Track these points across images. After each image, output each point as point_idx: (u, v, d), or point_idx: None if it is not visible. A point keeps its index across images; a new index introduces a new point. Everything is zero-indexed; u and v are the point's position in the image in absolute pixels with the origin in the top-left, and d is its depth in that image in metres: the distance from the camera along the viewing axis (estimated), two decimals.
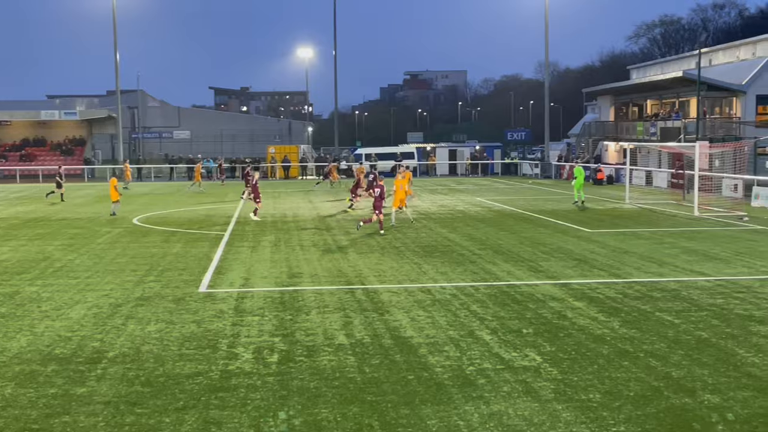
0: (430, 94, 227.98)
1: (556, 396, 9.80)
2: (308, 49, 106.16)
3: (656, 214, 33.17)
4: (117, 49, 70.10)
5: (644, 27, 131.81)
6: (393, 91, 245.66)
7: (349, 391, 10.08)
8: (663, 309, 14.63)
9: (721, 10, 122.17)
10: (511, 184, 57.00)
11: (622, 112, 72.72)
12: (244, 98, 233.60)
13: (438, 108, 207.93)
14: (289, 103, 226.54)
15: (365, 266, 19.90)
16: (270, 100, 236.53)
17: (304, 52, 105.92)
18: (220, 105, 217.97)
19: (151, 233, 27.56)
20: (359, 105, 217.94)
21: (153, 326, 13.66)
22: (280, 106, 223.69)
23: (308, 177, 70.97)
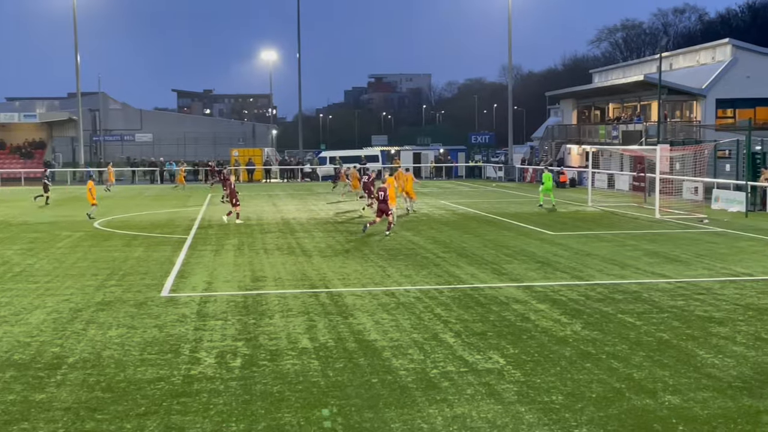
0: (394, 97, 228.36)
1: (519, 398, 9.84)
2: (272, 52, 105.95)
3: (618, 217, 33.48)
4: (78, 50, 69.39)
5: (606, 31, 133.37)
6: (357, 94, 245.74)
7: (313, 395, 10.03)
8: (625, 311, 14.76)
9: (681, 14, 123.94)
10: (475, 187, 57.25)
11: (584, 116, 73.37)
12: (207, 101, 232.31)
13: (402, 111, 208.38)
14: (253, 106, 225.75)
15: (329, 269, 19.85)
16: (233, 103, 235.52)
17: (268, 55, 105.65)
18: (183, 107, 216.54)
19: (113, 237, 27.27)
20: (323, 108, 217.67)
21: (114, 331, 13.51)
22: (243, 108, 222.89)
23: (272, 180, 70.72)
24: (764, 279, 18.14)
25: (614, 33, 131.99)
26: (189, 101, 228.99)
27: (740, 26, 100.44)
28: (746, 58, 56.10)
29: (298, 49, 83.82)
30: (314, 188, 58.97)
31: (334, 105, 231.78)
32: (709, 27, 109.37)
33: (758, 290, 16.75)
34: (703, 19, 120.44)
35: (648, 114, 60.07)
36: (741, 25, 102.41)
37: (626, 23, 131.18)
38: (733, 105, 55.60)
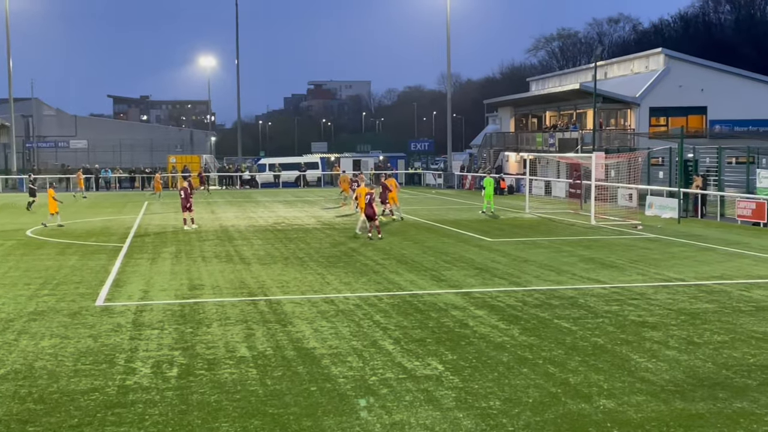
0: (334, 104, 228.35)
1: (458, 404, 9.89)
2: (210, 58, 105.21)
3: (555, 224, 33.93)
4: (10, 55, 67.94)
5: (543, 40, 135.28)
6: (297, 101, 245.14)
7: (251, 405, 9.95)
8: (561, 316, 14.95)
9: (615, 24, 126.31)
10: (415, 194, 57.48)
11: (522, 123, 74.22)
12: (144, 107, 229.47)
13: (342, 118, 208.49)
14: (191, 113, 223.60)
15: (268, 277, 19.73)
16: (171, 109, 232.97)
17: (206, 61, 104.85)
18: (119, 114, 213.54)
19: (46, 245, 26.73)
20: (263, 114, 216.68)
21: (47, 341, 13.23)
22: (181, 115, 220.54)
23: (211, 187, 70.05)
24: (696, 284, 18.54)
25: (551, 42, 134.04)
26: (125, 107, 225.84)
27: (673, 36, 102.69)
28: (678, 67, 57.38)
29: (237, 56, 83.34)
30: (253, 195, 58.60)
31: (273, 112, 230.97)
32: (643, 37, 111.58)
33: (690, 295, 17.12)
34: (637, 29, 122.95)
35: (584, 122, 61.01)
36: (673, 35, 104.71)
37: (562, 32, 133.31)
38: (666, 113, 56.77)
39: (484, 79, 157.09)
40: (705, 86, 56.31)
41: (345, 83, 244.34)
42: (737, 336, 13.33)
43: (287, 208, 44.34)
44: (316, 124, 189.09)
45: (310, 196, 55.44)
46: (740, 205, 33.36)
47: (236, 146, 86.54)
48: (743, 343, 12.83)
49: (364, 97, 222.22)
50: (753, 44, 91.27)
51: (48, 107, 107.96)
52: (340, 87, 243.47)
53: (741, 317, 14.82)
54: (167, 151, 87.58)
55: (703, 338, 13.18)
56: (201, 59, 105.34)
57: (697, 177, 36.91)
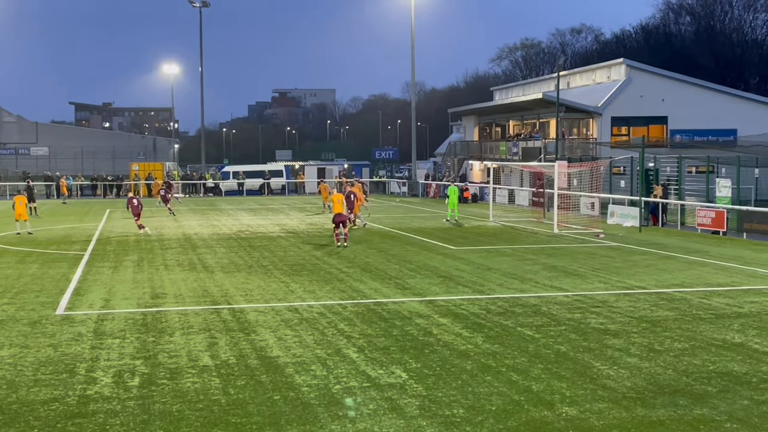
0: (298, 112, 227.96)
1: (421, 412, 9.90)
2: (174, 65, 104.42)
3: (518, 232, 34.14)
4: None
5: (506, 50, 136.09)
6: (261, 108, 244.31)
7: (213, 414, 9.88)
8: (524, 324, 15.03)
9: (578, 34, 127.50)
10: (379, 202, 57.52)
11: (485, 132, 74.62)
12: (106, 114, 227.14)
13: (307, 126, 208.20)
14: (154, 120, 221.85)
15: (231, 285, 19.63)
16: (134, 117, 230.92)
17: (169, 68, 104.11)
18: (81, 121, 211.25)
19: (5, 254, 26.36)
20: (227, 122, 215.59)
21: (6, 351, 13.04)
22: (144, 122, 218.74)
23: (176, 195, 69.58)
24: (657, 292, 18.75)
25: (514, 52, 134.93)
26: (87, 114, 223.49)
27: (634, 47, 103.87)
28: (640, 77, 58.08)
29: (201, 63, 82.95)
30: (217, 203, 58.27)
31: (237, 119, 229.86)
32: (605, 47, 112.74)
33: (651, 303, 17.30)
34: (600, 39, 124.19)
35: (547, 131, 61.51)
36: (635, 45, 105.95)
37: (525, 42, 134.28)
38: (628, 123, 57.40)
39: (448, 87, 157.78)
40: (666, 96, 57.06)
41: (310, 91, 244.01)
42: (697, 343, 13.50)
43: (251, 216, 44.16)
44: (280, 132, 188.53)
45: (274, 204, 55.27)
46: (700, 214, 33.81)
47: (200, 154, 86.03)
48: (703, 351, 12.99)
49: (329, 105, 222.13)
50: (713, 55, 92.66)
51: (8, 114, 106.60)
52: (305, 95, 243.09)
53: (701, 325, 15.01)
54: (130, 159, 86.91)
55: (663, 345, 13.33)
56: (164, 66, 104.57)
57: (657, 186, 37.36)
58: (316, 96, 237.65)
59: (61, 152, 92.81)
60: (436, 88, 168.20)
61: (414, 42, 70.24)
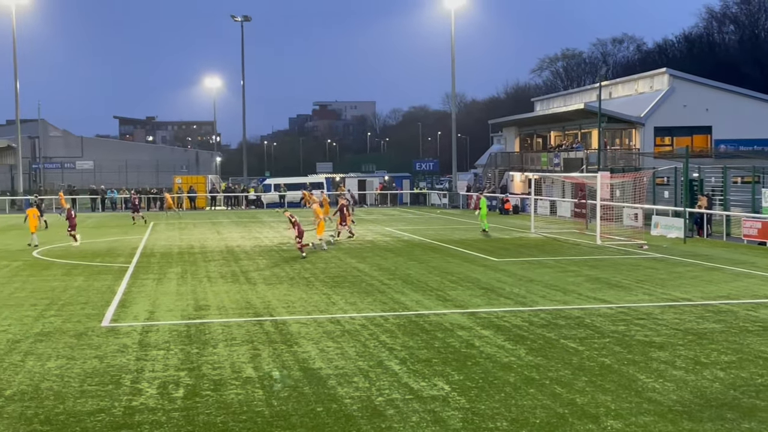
0: (339, 125, 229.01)
1: (464, 425, 9.86)
2: (216, 79, 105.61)
3: (560, 243, 33.89)
4: (17, 77, 68.35)
5: (547, 60, 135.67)
6: (302, 121, 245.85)
7: (257, 425, 9.94)
8: (568, 336, 14.91)
9: (620, 44, 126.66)
10: (420, 214, 57.50)
11: (526, 143, 74.31)
12: (150, 128, 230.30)
13: (347, 138, 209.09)
14: (197, 133, 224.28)
15: (274, 297, 19.73)
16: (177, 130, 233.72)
17: (211, 82, 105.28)
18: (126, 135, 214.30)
19: (52, 266, 26.77)
20: (268, 135, 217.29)
21: (53, 362, 13.23)
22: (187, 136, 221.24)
23: (217, 207, 70.19)
24: (703, 304, 18.49)
25: (555, 62, 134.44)
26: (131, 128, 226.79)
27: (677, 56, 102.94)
28: (683, 87, 57.46)
29: (243, 77, 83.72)
30: (258, 215, 58.65)
31: (278, 132, 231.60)
32: (647, 57, 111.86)
33: (697, 315, 17.07)
34: (641, 49, 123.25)
35: (588, 141, 61.07)
36: (677, 55, 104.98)
37: (566, 53, 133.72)
38: (671, 133, 56.80)
39: (488, 99, 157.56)
40: (710, 106, 56.36)
41: (350, 103, 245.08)
42: (745, 356, 13.28)
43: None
44: (321, 144, 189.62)
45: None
46: (746, 224, 33.30)
47: (242, 167, 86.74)
48: (751, 363, 12.78)
49: (369, 118, 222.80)
50: (757, 64, 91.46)
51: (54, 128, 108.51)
52: (345, 107, 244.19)
53: (748, 337, 14.77)
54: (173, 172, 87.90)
55: (710, 358, 13.13)
56: (207, 80, 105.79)
57: (702, 196, 36.88)
58: (356, 108, 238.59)
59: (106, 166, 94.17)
60: (476, 100, 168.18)
61: (454, 53, 70.26)
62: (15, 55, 68.15)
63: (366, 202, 75.17)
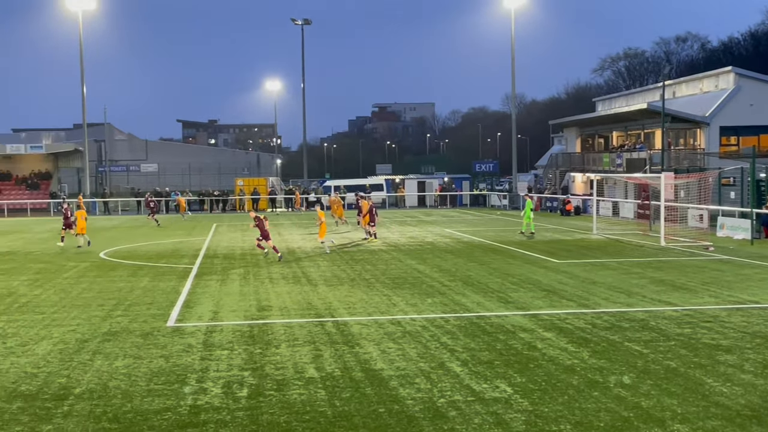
0: (398, 126, 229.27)
1: (527, 427, 9.80)
2: (276, 82, 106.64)
3: (623, 245, 33.45)
4: (84, 82, 69.90)
5: (609, 60, 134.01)
6: (361, 123, 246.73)
7: (320, 425, 10.01)
8: (632, 339, 14.72)
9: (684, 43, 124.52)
10: (480, 216, 57.27)
11: (588, 144, 73.50)
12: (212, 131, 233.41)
13: (406, 140, 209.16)
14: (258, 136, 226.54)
15: (335, 298, 19.85)
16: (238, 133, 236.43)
17: (272, 85, 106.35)
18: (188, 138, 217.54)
19: (119, 267, 27.31)
20: (328, 137, 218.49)
21: (120, 361, 13.51)
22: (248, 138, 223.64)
23: (277, 209, 70.83)
24: None
25: (617, 61, 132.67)
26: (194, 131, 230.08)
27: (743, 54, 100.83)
28: (749, 86, 56.27)
29: (303, 79, 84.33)
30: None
31: (338, 134, 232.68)
32: (712, 55, 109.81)
33: (765, 318, 16.70)
34: (706, 47, 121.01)
35: (652, 142, 60.16)
36: (743, 53, 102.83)
37: (629, 52, 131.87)
38: (737, 132, 55.64)
39: (549, 99, 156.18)
40: None
41: (409, 105, 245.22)
42: None
43: (352, 229, 44.52)
44: (380, 146, 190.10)
45: None
46: None
47: (302, 168, 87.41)
48: None
49: (428, 119, 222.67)
50: None
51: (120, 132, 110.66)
52: (405, 109, 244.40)
53: None
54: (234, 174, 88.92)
55: None
56: (267, 83, 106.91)
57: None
58: (415, 110, 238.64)
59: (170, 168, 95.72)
60: (536, 100, 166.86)
61: (514, 53, 69.85)
62: (82, 60, 69.68)
63: (426, 203, 75.09)
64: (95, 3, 68.14)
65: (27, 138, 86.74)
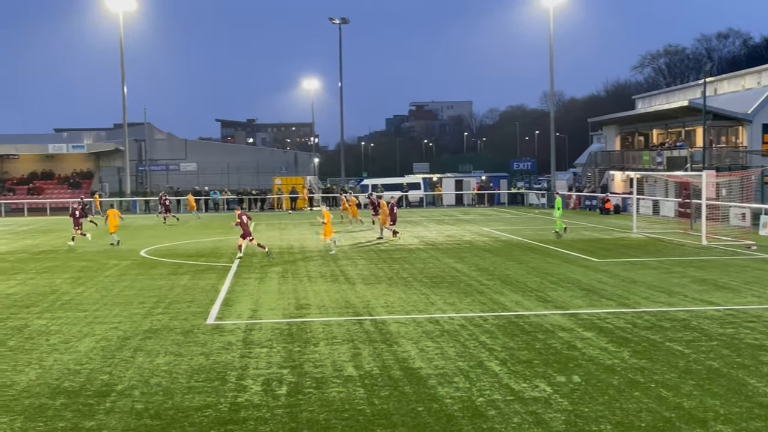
0: (435, 125, 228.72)
1: (567, 427, 9.74)
2: (314, 81, 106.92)
3: (664, 244, 33.10)
4: (125, 82, 70.65)
5: (649, 57, 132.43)
6: (399, 122, 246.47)
7: (359, 424, 10.03)
8: (673, 339, 14.56)
9: (725, 39, 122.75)
10: (518, 214, 57.00)
11: (627, 142, 72.81)
12: (250, 130, 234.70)
13: (444, 138, 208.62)
14: (295, 135, 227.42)
15: (373, 297, 19.87)
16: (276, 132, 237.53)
17: (309, 84, 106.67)
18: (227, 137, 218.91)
19: (159, 265, 27.58)
20: (365, 136, 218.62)
21: (161, 359, 13.64)
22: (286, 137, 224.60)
23: (315, 208, 71.05)
24: None
25: (657, 58, 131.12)
26: (232, 131, 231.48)
27: None
28: None
29: (341, 78, 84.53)
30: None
31: (375, 133, 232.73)
32: (754, 51, 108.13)
33: None
34: (748, 43, 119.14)
35: (693, 139, 59.45)
36: None
37: (669, 48, 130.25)
38: None
39: (588, 97, 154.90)
40: None
41: (446, 104, 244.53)
42: None
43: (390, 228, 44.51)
44: (417, 144, 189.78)
45: (412, 217, 55.59)
46: None
47: (339, 167, 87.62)
48: None
49: (466, 117, 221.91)
50: None
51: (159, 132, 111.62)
52: (442, 107, 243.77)
53: None
54: (272, 173, 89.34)
55: None
56: (305, 82, 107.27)
57: None
58: (452, 108, 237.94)
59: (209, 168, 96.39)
60: (575, 98, 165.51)
61: (553, 51, 69.34)
62: (122, 60, 70.43)
63: (463, 202, 74.89)
64: (136, 4, 68.86)
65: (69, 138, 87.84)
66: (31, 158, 79.71)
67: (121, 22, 68.88)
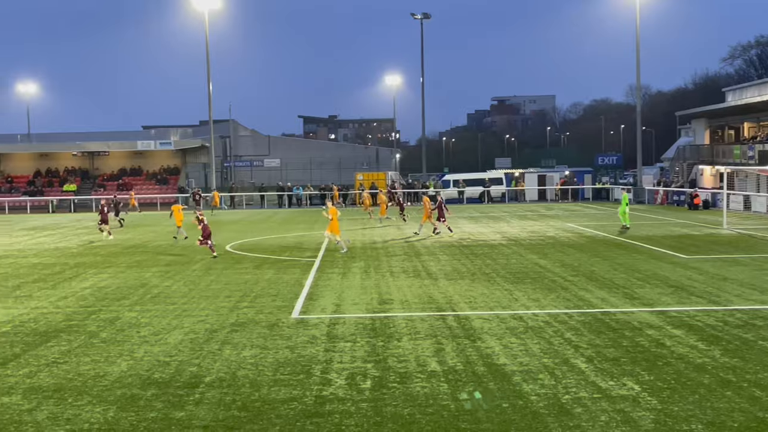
0: (517, 120, 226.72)
1: (657, 426, 9.54)
2: (396, 77, 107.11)
3: (756, 240, 32.15)
4: (210, 80, 71.95)
5: (739, 48, 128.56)
6: (480, 117, 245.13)
7: (444, 419, 10.01)
8: (766, 338, 14.13)
9: None
10: (603, 210, 56.08)
11: (717, 135, 70.94)
12: (332, 126, 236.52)
13: (526, 133, 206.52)
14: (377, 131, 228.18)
15: (455, 292, 19.81)
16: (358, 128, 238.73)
17: (391, 80, 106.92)
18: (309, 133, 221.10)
19: (244, 260, 28.02)
20: (446, 131, 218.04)
21: (248, 351, 13.86)
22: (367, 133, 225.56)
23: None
24: None
25: (748, 50, 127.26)
26: (315, 127, 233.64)
27: None
28: None
29: (422, 74, 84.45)
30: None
31: (457, 128, 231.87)
32: None
33: None
34: None
35: None
36: None
37: (761, 39, 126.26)
38: None
39: (675, 90, 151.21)
40: None
41: (529, 98, 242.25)
42: None
43: (472, 224, 44.38)
44: (499, 139, 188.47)
45: (494, 212, 55.24)
46: None
47: (420, 163, 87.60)
48: None
49: (549, 112, 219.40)
50: None
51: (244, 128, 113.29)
52: (524, 102, 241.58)
53: None
54: (354, 169, 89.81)
55: None
56: (387, 78, 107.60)
57: None
58: (535, 103, 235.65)
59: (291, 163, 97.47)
60: (662, 91, 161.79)
61: (639, 43, 67.97)
62: (208, 58, 71.74)
63: (546, 197, 74.07)
64: (220, 2, 70.05)
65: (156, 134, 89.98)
66: (121, 155, 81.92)
67: (207, 21, 70.18)
